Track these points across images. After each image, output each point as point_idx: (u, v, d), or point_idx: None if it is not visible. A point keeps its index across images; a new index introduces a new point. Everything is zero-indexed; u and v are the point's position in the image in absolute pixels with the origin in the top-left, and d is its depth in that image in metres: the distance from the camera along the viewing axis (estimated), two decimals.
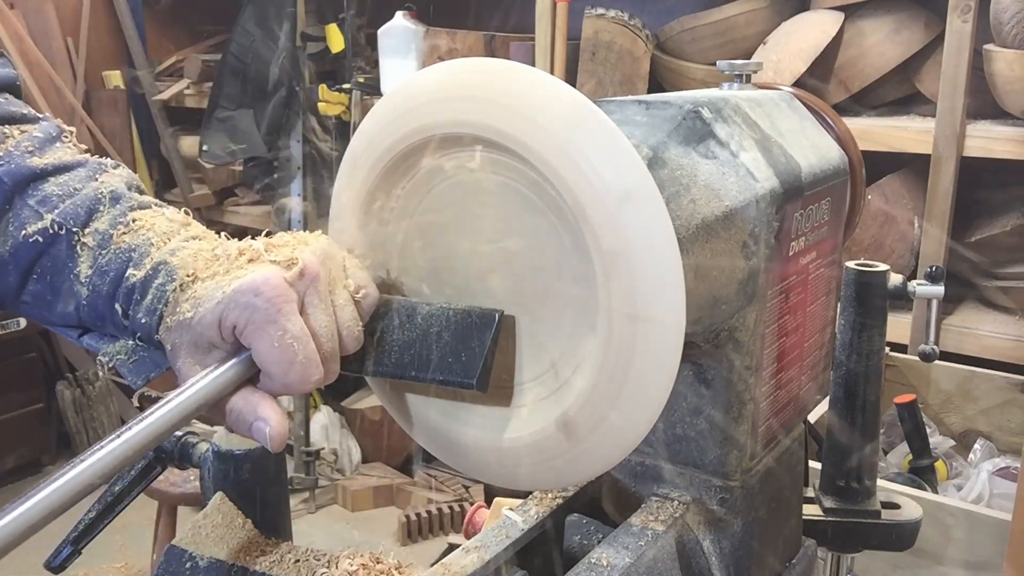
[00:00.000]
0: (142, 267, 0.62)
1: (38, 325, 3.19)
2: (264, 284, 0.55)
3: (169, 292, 0.60)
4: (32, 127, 0.70)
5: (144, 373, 0.64)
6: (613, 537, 0.70)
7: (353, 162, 0.67)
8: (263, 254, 0.59)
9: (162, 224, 0.65)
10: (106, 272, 0.63)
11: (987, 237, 2.02)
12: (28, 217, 0.65)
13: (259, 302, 0.55)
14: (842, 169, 0.82)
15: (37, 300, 0.66)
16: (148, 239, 0.63)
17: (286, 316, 0.55)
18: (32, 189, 0.66)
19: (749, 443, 0.74)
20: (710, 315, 0.68)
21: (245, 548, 0.66)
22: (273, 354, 0.55)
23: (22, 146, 0.67)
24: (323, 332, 0.57)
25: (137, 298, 0.61)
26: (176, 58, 3.68)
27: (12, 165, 0.66)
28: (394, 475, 3.19)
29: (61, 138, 0.71)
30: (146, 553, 2.55)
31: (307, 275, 0.57)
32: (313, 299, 0.57)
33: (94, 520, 0.79)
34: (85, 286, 0.64)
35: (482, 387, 0.60)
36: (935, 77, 1.99)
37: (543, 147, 0.56)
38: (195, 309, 0.57)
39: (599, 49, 2.39)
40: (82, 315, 0.65)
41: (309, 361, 0.56)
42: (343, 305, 0.59)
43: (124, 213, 0.65)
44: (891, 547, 1.05)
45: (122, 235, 0.64)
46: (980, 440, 1.76)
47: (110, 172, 0.69)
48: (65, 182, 0.66)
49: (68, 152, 0.69)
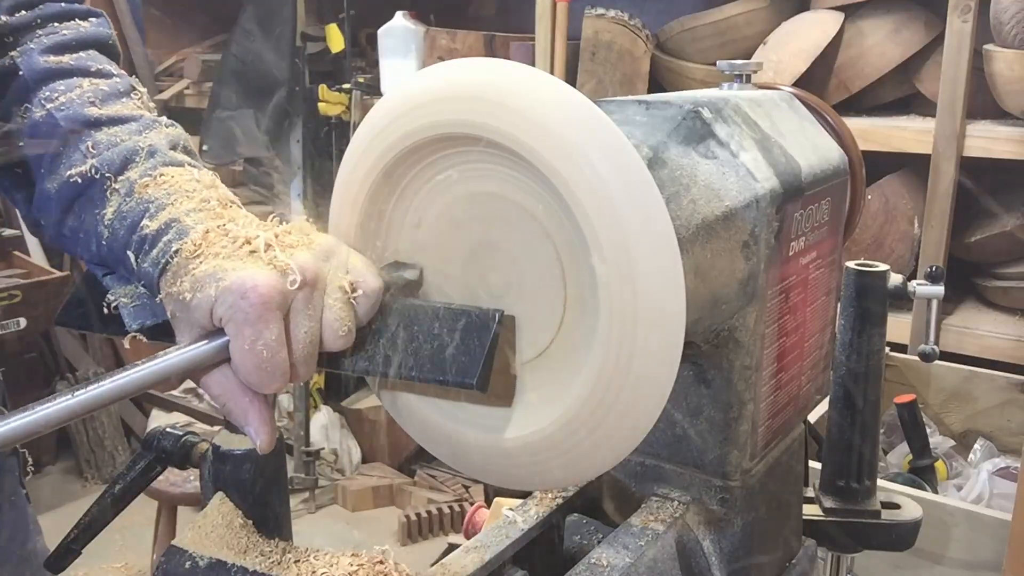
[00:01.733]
0: (156, 219, 0.64)
1: (38, 325, 3.19)
2: (252, 290, 0.56)
3: (173, 251, 0.62)
4: (103, 81, 0.76)
5: (141, 318, 0.67)
6: (613, 537, 0.70)
7: (353, 162, 0.67)
8: (261, 251, 0.59)
9: (187, 183, 0.68)
10: (125, 218, 0.66)
11: (987, 237, 2.02)
12: (76, 160, 0.70)
13: (244, 304, 0.56)
14: (842, 169, 0.82)
15: (73, 235, 0.72)
16: (168, 194, 0.66)
17: (265, 323, 0.56)
18: (85, 135, 0.71)
19: (749, 443, 0.74)
20: (710, 315, 0.68)
21: (245, 548, 0.66)
22: (241, 354, 0.57)
23: (85, 96, 0.73)
24: (302, 337, 0.58)
25: (147, 248, 0.64)
26: (176, 58, 3.68)
27: (71, 111, 0.72)
28: (394, 475, 3.19)
29: (130, 95, 0.77)
30: (146, 553, 2.55)
31: (295, 285, 0.58)
32: (299, 304, 0.58)
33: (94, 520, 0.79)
34: (107, 228, 0.67)
35: (482, 387, 0.60)
36: (935, 77, 1.99)
37: (543, 147, 0.56)
38: (194, 292, 0.59)
39: (599, 49, 2.39)
40: (103, 255, 0.69)
41: (273, 370, 0.57)
42: (332, 305, 0.60)
43: (155, 167, 0.69)
44: (891, 547, 1.05)
45: (146, 186, 0.67)
46: (980, 440, 1.76)
47: (160, 129, 0.74)
48: (115, 133, 0.71)
49: (129, 107, 0.75)
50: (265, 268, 0.58)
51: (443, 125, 0.61)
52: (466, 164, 0.63)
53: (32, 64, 0.75)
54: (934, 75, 2.03)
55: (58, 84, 0.74)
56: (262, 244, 0.60)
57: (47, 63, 0.75)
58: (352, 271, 0.62)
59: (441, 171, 0.64)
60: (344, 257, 0.62)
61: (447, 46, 2.74)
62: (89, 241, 0.70)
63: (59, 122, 0.72)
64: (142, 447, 0.80)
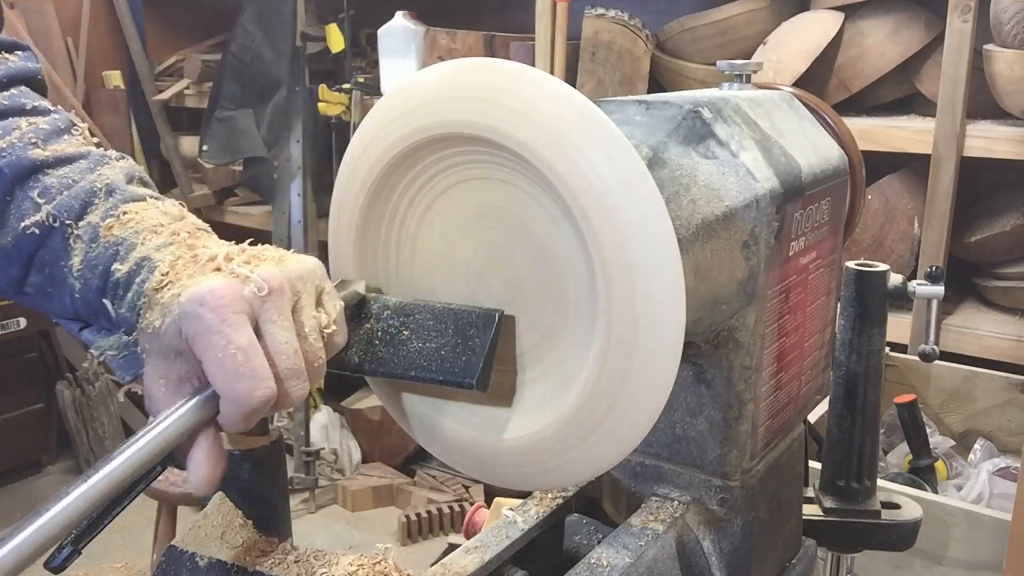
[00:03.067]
0: (127, 262, 0.61)
1: (38, 325, 3.19)
2: (209, 294, 0.53)
3: (147, 290, 0.58)
4: (41, 119, 0.69)
5: (133, 369, 0.63)
6: (613, 537, 0.70)
7: (353, 162, 0.67)
8: (223, 264, 0.57)
9: (153, 217, 0.63)
10: (95, 266, 0.62)
11: (987, 237, 2.02)
12: (28, 209, 0.65)
13: (204, 312, 0.53)
14: (842, 169, 0.82)
15: (39, 292, 0.66)
16: (136, 232, 0.62)
17: (231, 326, 0.53)
18: (33, 181, 0.65)
19: (749, 443, 0.74)
20: (710, 315, 0.68)
21: (245, 548, 0.66)
22: (215, 365, 0.53)
23: (26, 137, 0.67)
24: (281, 348, 0.55)
25: (121, 293, 0.61)
26: (176, 58, 3.68)
27: (14, 156, 0.66)
28: (394, 475, 3.19)
29: (71, 131, 0.70)
30: (146, 553, 2.55)
31: (262, 291, 0.55)
32: (271, 315, 0.55)
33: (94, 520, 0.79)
34: (78, 279, 0.63)
35: (482, 387, 0.60)
36: (935, 77, 1.99)
37: (543, 147, 0.56)
38: (163, 318, 0.56)
39: (599, 49, 2.39)
40: (77, 308, 0.65)
41: (254, 374, 0.53)
42: (306, 333, 0.57)
43: (116, 205, 0.64)
44: (891, 547, 1.05)
45: (111, 228, 0.63)
46: (980, 440, 1.76)
47: (111, 164, 0.68)
48: (65, 174, 0.66)
49: (73, 144, 0.69)
50: (221, 277, 0.55)
51: (443, 125, 0.61)
52: (466, 164, 0.63)
53: None
54: (934, 75, 2.03)
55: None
56: (223, 258, 0.57)
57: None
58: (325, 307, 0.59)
59: (441, 171, 0.64)
60: (316, 288, 0.59)
61: (447, 46, 2.73)
62: (61, 295, 0.65)
63: (2, 169, 0.65)
64: None
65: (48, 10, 3.46)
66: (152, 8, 3.71)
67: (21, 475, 3.28)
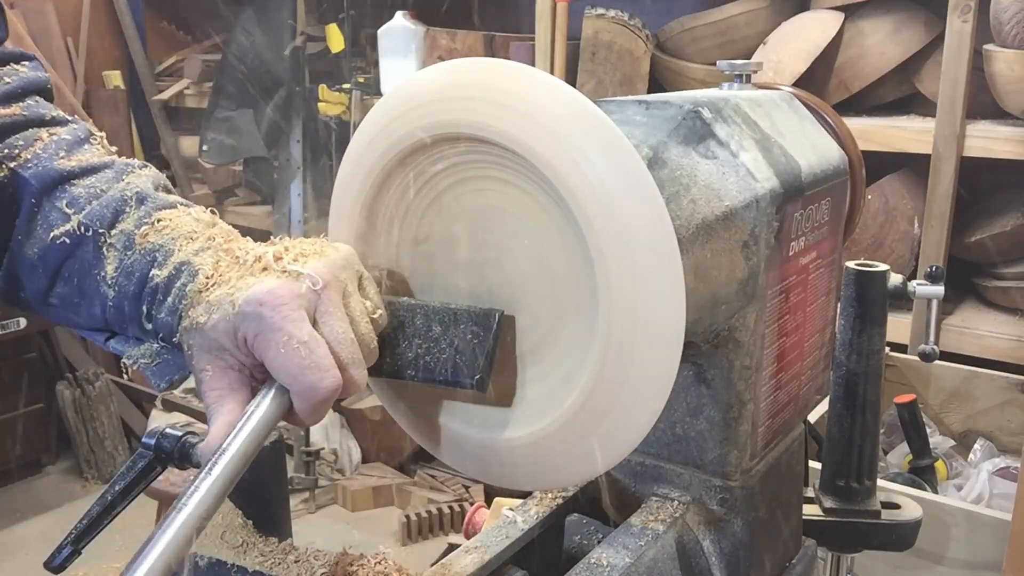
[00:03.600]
0: (165, 267, 0.62)
1: (38, 325, 3.19)
2: (268, 295, 0.55)
3: (190, 292, 0.60)
4: (61, 129, 0.70)
5: (168, 376, 0.64)
6: (613, 537, 0.70)
7: (353, 162, 0.67)
8: (272, 264, 0.59)
9: (187, 223, 0.65)
10: (131, 273, 0.63)
11: (987, 237, 2.02)
12: (56, 219, 0.65)
13: (265, 311, 0.55)
14: (842, 169, 0.82)
15: (64, 303, 0.67)
16: (172, 239, 0.64)
17: (292, 323, 0.55)
18: (60, 191, 0.66)
19: (749, 443, 0.74)
20: (710, 315, 0.68)
21: (245, 548, 0.66)
22: (280, 361, 0.55)
23: (50, 149, 0.68)
24: (340, 338, 0.57)
25: (160, 298, 0.62)
26: (176, 58, 3.68)
27: (40, 168, 0.66)
28: (394, 475, 3.19)
29: (89, 140, 0.71)
30: None
31: (316, 286, 0.57)
32: (327, 307, 0.57)
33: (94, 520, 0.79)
34: (112, 287, 0.64)
35: (482, 387, 0.60)
36: (935, 77, 1.99)
37: (543, 147, 0.56)
38: (209, 315, 0.57)
39: (599, 49, 2.39)
40: (108, 317, 0.65)
41: (319, 366, 0.55)
42: (358, 319, 0.59)
43: (149, 213, 0.66)
44: (891, 547, 1.05)
45: (146, 235, 0.64)
46: (980, 440, 1.76)
47: (137, 172, 0.69)
48: (92, 184, 0.67)
49: (96, 154, 0.70)
50: (276, 277, 0.57)
51: (443, 125, 0.61)
52: (466, 164, 0.63)
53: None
54: (934, 75, 2.03)
55: (15, 139, 0.68)
56: (271, 257, 0.59)
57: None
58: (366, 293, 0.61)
59: (441, 171, 0.64)
60: (356, 273, 0.62)
61: (447, 46, 2.74)
62: (90, 305, 0.66)
63: (29, 180, 0.66)
64: (142, 447, 0.80)
65: (48, 10, 3.46)
66: (152, 8, 3.72)
67: (21, 475, 3.28)
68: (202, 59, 3.50)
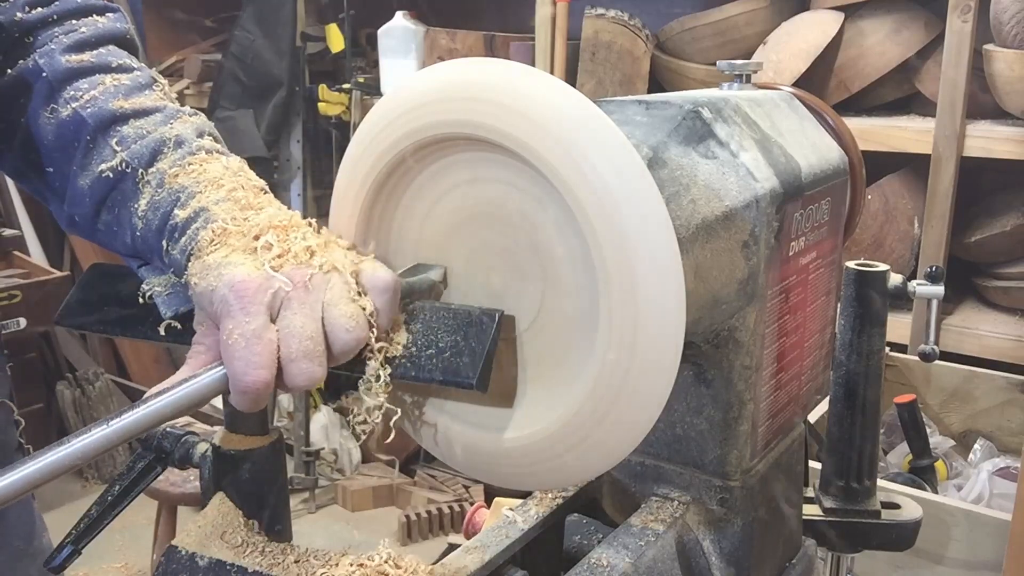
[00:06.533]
0: (187, 208, 0.66)
1: (38, 325, 3.19)
2: (240, 284, 0.58)
3: (201, 239, 0.63)
4: (124, 76, 0.77)
5: (175, 305, 0.68)
6: (613, 537, 0.70)
7: (353, 163, 0.67)
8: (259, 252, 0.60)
9: (216, 170, 0.69)
10: (157, 208, 0.68)
11: (987, 237, 2.02)
12: (106, 155, 0.72)
13: (230, 297, 0.57)
14: (842, 169, 0.82)
15: (108, 229, 0.74)
16: (198, 182, 0.68)
17: (247, 315, 0.57)
18: (112, 130, 0.73)
19: (749, 443, 0.74)
20: (710, 315, 0.68)
21: (245, 548, 0.66)
22: (222, 347, 0.58)
23: (109, 91, 0.75)
24: (295, 332, 0.57)
25: (176, 236, 0.66)
26: (176, 58, 3.67)
27: (96, 108, 0.74)
28: (394, 475, 3.19)
29: (152, 87, 0.78)
30: (146, 553, 2.55)
31: (287, 287, 0.58)
32: (292, 303, 0.58)
33: (94, 520, 0.79)
34: (141, 220, 0.69)
35: (482, 387, 0.60)
36: (935, 77, 1.99)
37: (543, 147, 0.56)
38: (199, 279, 0.61)
39: (599, 49, 2.39)
40: (137, 246, 0.71)
41: (247, 360, 0.57)
42: (336, 302, 0.59)
43: (183, 157, 0.71)
44: (891, 547, 1.05)
45: (176, 176, 0.69)
46: (980, 440, 1.77)
47: (184, 119, 0.75)
48: (141, 125, 0.73)
49: (152, 99, 0.77)
50: (254, 267, 0.59)
51: (443, 125, 0.61)
52: (466, 164, 0.63)
53: (54, 65, 0.76)
54: (934, 75, 2.03)
55: (81, 83, 0.76)
56: (262, 245, 0.61)
57: (69, 63, 0.76)
58: (362, 271, 0.61)
59: (441, 171, 0.64)
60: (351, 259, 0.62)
61: (447, 46, 2.74)
62: (124, 234, 0.72)
63: (86, 119, 0.73)
64: (142, 447, 0.80)
65: None
66: (152, 8, 3.71)
67: None
68: (202, 59, 3.49)
